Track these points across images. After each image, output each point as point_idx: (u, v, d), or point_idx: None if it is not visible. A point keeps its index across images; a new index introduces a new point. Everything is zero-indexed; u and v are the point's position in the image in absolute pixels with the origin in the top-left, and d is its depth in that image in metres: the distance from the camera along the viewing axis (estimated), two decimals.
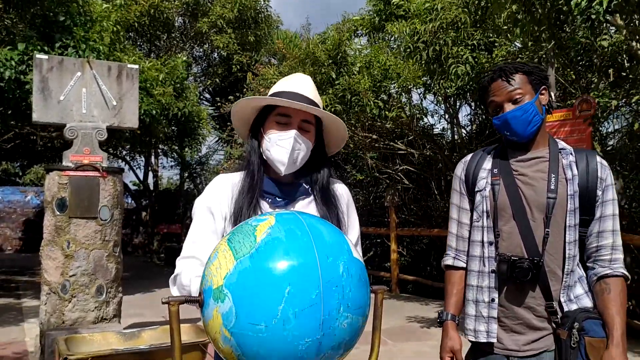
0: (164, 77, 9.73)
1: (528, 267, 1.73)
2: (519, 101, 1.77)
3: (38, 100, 4.64)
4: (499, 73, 1.80)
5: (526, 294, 1.78)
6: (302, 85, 1.69)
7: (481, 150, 1.98)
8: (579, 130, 6.37)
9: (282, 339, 1.06)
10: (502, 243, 1.81)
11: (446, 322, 1.89)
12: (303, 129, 1.64)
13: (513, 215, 1.79)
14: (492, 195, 1.83)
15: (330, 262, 1.13)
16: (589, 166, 1.78)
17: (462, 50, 5.95)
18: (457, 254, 1.96)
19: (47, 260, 4.59)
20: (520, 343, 1.79)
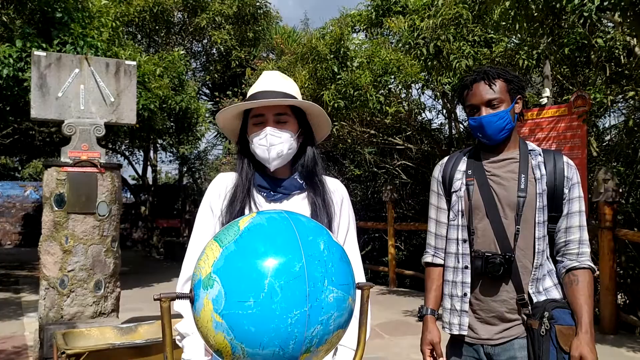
0: (161, 71, 9.75)
1: (500, 262, 1.83)
2: (495, 107, 1.87)
3: (36, 96, 4.67)
4: (482, 76, 1.89)
5: (499, 287, 1.88)
6: (269, 81, 1.74)
7: (457, 152, 2.08)
8: (574, 126, 6.41)
9: (271, 312, 1.09)
10: (477, 240, 1.91)
11: (426, 316, 2.00)
12: (280, 122, 1.69)
13: (486, 213, 1.90)
14: (466, 195, 1.93)
15: (311, 239, 1.17)
16: (556, 166, 1.89)
17: (464, 45, 5.97)
18: (435, 251, 2.06)
19: (46, 255, 4.63)
20: (492, 332, 1.89)
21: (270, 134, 1.66)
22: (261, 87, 1.73)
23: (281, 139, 1.67)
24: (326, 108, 7.49)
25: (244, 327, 1.11)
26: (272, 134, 1.67)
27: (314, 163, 1.75)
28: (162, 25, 13.18)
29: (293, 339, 1.13)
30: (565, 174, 1.88)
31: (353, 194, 12.39)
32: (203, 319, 1.17)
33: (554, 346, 1.75)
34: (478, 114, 1.89)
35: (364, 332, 1.39)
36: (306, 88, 7.66)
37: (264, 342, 1.12)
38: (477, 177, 1.93)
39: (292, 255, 1.13)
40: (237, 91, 12.56)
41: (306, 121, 1.77)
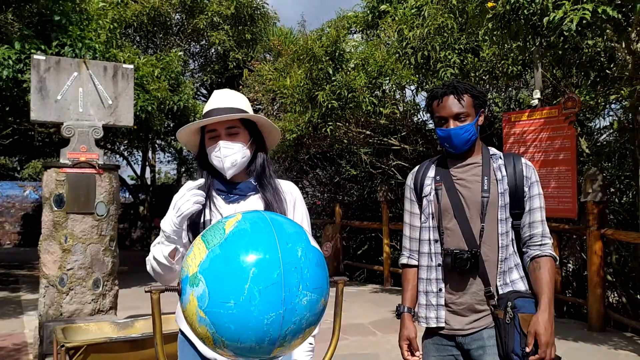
0: (159, 73, 9.86)
1: (467, 257, 2.00)
2: (462, 120, 2.04)
3: (36, 99, 4.78)
4: (452, 90, 2.05)
5: (468, 281, 2.05)
6: (220, 99, 1.95)
7: (427, 161, 2.26)
8: (564, 127, 6.53)
9: (249, 313, 1.22)
10: (447, 239, 2.08)
11: (403, 314, 2.17)
12: (231, 134, 1.90)
13: (454, 214, 2.06)
14: (435, 199, 2.11)
15: (290, 247, 1.30)
16: (516, 167, 2.07)
17: (450, 54, 6.10)
18: (410, 253, 2.22)
19: (46, 254, 4.74)
20: (463, 323, 2.06)
21: (223, 146, 1.87)
22: (213, 105, 1.94)
23: (234, 150, 1.88)
24: (320, 108, 7.61)
25: (225, 325, 1.25)
26: (224, 147, 1.87)
27: (263, 168, 1.96)
28: (159, 27, 13.29)
29: (268, 337, 1.27)
30: (525, 173, 2.06)
31: (349, 194, 12.52)
32: (189, 311, 1.30)
33: (517, 332, 1.93)
34: (446, 126, 2.06)
35: (339, 322, 1.53)
36: (302, 87, 7.77)
37: (242, 338, 1.26)
38: (445, 182, 2.11)
39: (271, 263, 1.25)
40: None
41: (257, 130, 1.98)
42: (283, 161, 11.87)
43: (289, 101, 8.15)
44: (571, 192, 6.53)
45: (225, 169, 1.89)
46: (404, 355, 2.15)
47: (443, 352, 2.11)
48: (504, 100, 9.70)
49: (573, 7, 3.88)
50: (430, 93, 2.16)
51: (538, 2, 4.04)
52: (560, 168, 6.58)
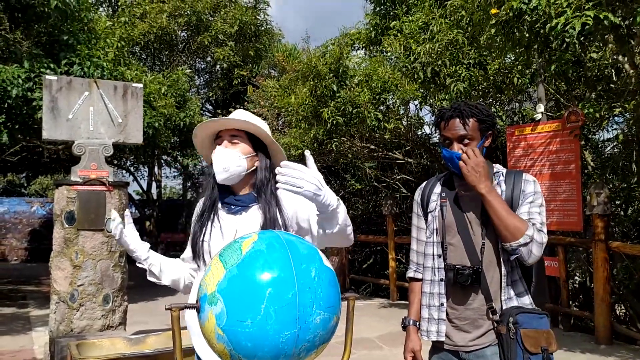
0: (166, 90, 10.00)
1: (468, 273, 2.04)
2: (465, 143, 2.08)
3: (48, 118, 4.88)
4: (457, 113, 2.09)
5: (470, 296, 2.08)
6: (237, 114, 2.08)
7: (434, 178, 2.31)
8: (568, 141, 6.59)
9: (265, 332, 1.28)
10: (450, 254, 2.13)
11: (408, 327, 2.22)
12: (232, 142, 2.01)
13: (457, 230, 2.12)
14: (440, 215, 2.16)
15: (304, 268, 1.36)
16: (515, 183, 2.11)
17: (460, 68, 6.18)
18: (417, 267, 2.27)
19: (57, 270, 4.81)
20: (467, 339, 2.08)
21: (219, 150, 1.99)
22: (230, 116, 2.07)
23: (227, 156, 1.98)
24: (325, 125, 7.69)
25: (242, 342, 1.31)
26: (220, 150, 1.98)
27: (263, 182, 2.03)
28: (165, 45, 13.47)
29: (283, 354, 1.33)
30: (522, 188, 2.10)
31: (354, 207, 12.55)
32: (207, 329, 1.36)
33: (520, 348, 1.94)
34: (450, 147, 2.11)
35: (350, 337, 1.59)
36: (306, 105, 7.87)
37: (259, 355, 1.32)
38: (450, 198, 2.17)
39: (286, 283, 1.32)
40: (240, 107, 12.79)
41: (264, 148, 2.07)
42: None
43: (294, 118, 8.25)
44: (576, 205, 6.57)
45: (217, 172, 1.97)
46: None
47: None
48: (507, 113, 9.77)
49: (575, 14, 3.96)
50: (439, 112, 2.20)
51: (541, 9, 4.11)
52: (565, 181, 6.63)
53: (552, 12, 4.06)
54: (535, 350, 1.94)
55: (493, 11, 4.39)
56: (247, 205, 2.03)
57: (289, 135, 9.18)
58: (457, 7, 6.38)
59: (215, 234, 2.03)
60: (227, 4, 13.53)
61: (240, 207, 2.03)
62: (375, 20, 9.26)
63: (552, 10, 4.05)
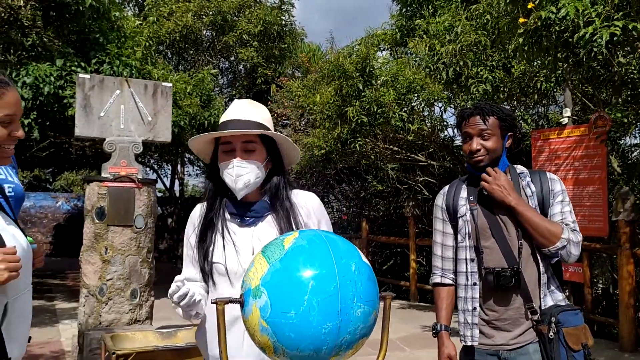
0: (191, 89, 10.13)
1: (510, 274, 2.05)
2: (485, 138, 2.11)
3: (81, 116, 5.00)
4: (477, 111, 2.14)
5: (511, 297, 2.10)
6: (239, 110, 1.82)
7: (455, 181, 2.32)
8: (594, 146, 6.53)
9: (308, 323, 1.33)
10: (486, 257, 2.13)
11: (440, 332, 2.22)
12: (247, 150, 1.78)
13: (492, 233, 2.13)
14: (472, 219, 2.16)
15: (344, 262, 1.40)
16: (542, 183, 2.16)
17: (482, 70, 6.17)
18: (443, 272, 2.28)
19: (87, 264, 4.92)
20: (508, 338, 2.11)
21: (237, 165, 1.76)
22: (231, 116, 1.82)
23: (247, 170, 1.77)
24: (350, 124, 7.73)
25: (286, 334, 1.35)
26: (239, 166, 1.76)
27: (278, 188, 1.84)
28: (190, 44, 13.62)
29: (325, 345, 1.37)
30: (551, 187, 2.16)
31: (375, 209, 12.57)
32: (251, 322, 1.41)
33: (563, 347, 1.99)
34: (470, 143, 2.14)
35: (386, 335, 1.62)
36: (332, 104, 7.91)
37: (302, 346, 1.37)
38: (479, 202, 2.18)
39: (328, 276, 1.36)
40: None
41: (275, 148, 1.86)
42: (310, 176, 11.99)
43: (319, 117, 8.30)
44: (602, 210, 6.50)
45: (237, 190, 1.77)
46: None
47: None
48: (532, 117, 9.70)
49: (603, 24, 3.95)
50: (460, 112, 2.25)
51: (569, 18, 4.11)
52: (591, 187, 6.57)
53: (580, 22, 4.04)
54: (577, 347, 1.99)
55: (521, 20, 4.38)
56: (262, 215, 1.83)
57: (312, 135, 9.24)
58: (482, 11, 6.37)
59: (229, 252, 1.80)
60: (252, 4, 13.64)
61: (254, 217, 1.82)
62: (401, 22, 9.28)
63: (581, 20, 4.04)
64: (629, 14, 3.97)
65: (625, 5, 3.98)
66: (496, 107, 2.15)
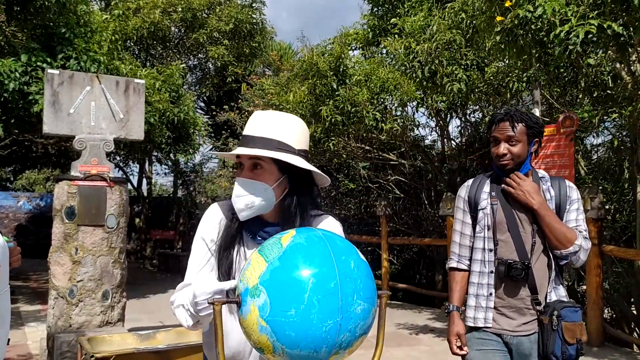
0: (160, 85, 9.95)
1: (521, 267, 2.22)
2: (513, 145, 2.26)
3: (49, 112, 4.84)
4: (507, 117, 2.28)
5: (519, 288, 2.27)
6: (254, 124, 1.67)
7: (480, 176, 2.47)
8: (563, 145, 6.67)
9: (309, 321, 1.30)
10: (500, 249, 2.30)
11: (452, 312, 2.38)
12: (255, 170, 1.65)
13: (508, 228, 2.29)
14: (492, 212, 2.32)
15: (344, 259, 1.39)
16: (561, 189, 2.33)
17: (457, 69, 6.24)
18: (459, 258, 2.44)
19: (56, 266, 4.78)
20: (513, 325, 2.28)
21: (239, 184, 1.64)
22: (247, 130, 1.68)
23: (250, 190, 1.63)
24: (324, 123, 7.71)
25: (286, 332, 1.32)
26: (240, 185, 1.64)
27: (288, 211, 1.69)
28: (158, 40, 13.40)
29: (326, 344, 1.35)
30: (568, 194, 2.34)
31: (346, 207, 12.60)
32: (249, 321, 1.37)
33: (560, 339, 2.16)
34: (497, 146, 2.29)
35: (382, 333, 1.61)
36: (305, 104, 7.88)
37: (302, 345, 1.34)
38: (500, 197, 2.34)
39: (328, 274, 1.34)
40: (234, 106, 12.76)
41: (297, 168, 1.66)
42: None
43: None
44: None
45: (238, 210, 1.64)
46: (453, 350, 2.36)
47: (487, 345, 2.32)
48: None
49: (579, 23, 4.06)
50: (492, 116, 2.39)
51: (546, 17, 4.20)
52: None
53: (556, 21, 4.14)
54: (572, 341, 2.16)
55: (498, 18, 4.46)
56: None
57: None
58: (457, 10, 6.45)
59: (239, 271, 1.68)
60: (222, 2, 13.51)
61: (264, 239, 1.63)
62: (373, 22, 9.31)
63: (557, 19, 4.13)
64: (603, 13, 4.07)
65: (600, 5, 4.08)
66: (525, 115, 2.29)
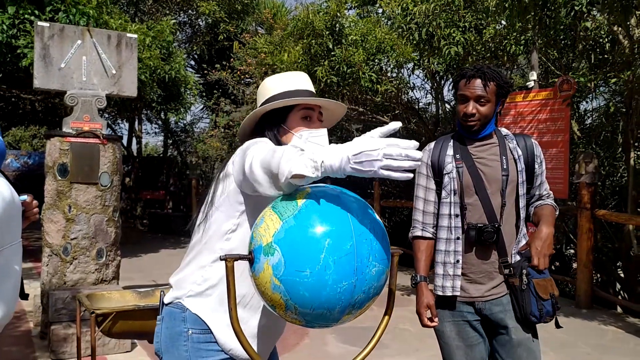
0: (150, 41, 9.71)
1: (492, 231, 2.16)
2: (482, 104, 2.17)
3: (39, 67, 4.70)
4: (479, 74, 2.17)
5: (489, 252, 2.21)
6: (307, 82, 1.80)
7: (441, 139, 2.37)
8: (558, 109, 6.65)
9: (323, 282, 1.28)
10: (469, 214, 2.22)
11: (420, 283, 2.30)
12: (320, 120, 1.78)
13: (475, 191, 2.21)
14: (457, 176, 2.23)
15: (360, 219, 1.35)
16: (527, 147, 2.26)
17: (454, 31, 6.13)
18: (424, 226, 2.35)
19: (49, 223, 4.72)
20: (482, 290, 2.23)
21: (325, 134, 1.70)
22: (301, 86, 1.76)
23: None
24: (319, 84, 7.60)
25: (300, 292, 1.30)
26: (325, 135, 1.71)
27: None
28: None
29: (339, 304, 1.33)
30: (535, 152, 2.28)
31: None
32: (262, 279, 1.35)
33: (533, 296, 2.12)
34: (465, 105, 2.19)
35: (394, 292, 1.60)
36: (300, 64, 7.75)
37: (315, 305, 1.32)
38: (465, 160, 2.25)
39: (344, 235, 1.31)
40: (226, 65, 12.54)
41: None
42: None
43: None
44: (563, 173, 6.68)
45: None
46: (424, 322, 2.27)
47: (458, 317, 2.26)
48: None
49: None
50: (460, 72, 2.26)
51: None
52: (554, 149, 6.72)
53: None
54: (546, 296, 2.13)
55: None
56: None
57: None
58: None
59: None
60: None
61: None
62: None
63: None
64: None
65: None
66: (497, 73, 2.18)
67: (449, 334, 2.27)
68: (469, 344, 2.25)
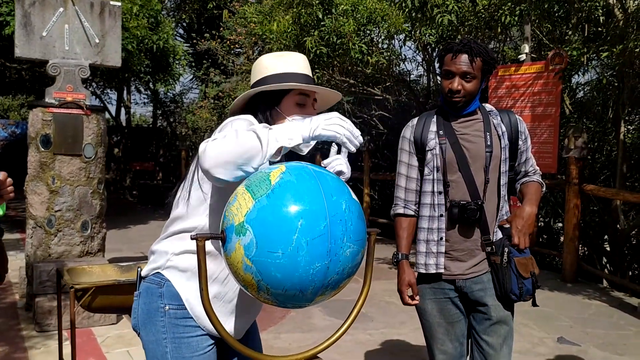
0: (138, 10, 9.51)
1: (476, 208, 2.13)
2: (468, 80, 2.11)
3: (21, 35, 4.58)
4: (466, 49, 2.10)
5: (472, 230, 2.18)
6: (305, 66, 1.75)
7: (424, 115, 2.31)
8: (550, 83, 6.60)
9: (296, 264, 1.25)
10: (452, 191, 2.18)
11: (402, 261, 2.27)
12: (313, 107, 1.75)
13: (459, 167, 2.17)
14: (441, 153, 2.18)
15: (335, 200, 1.32)
16: (512, 123, 2.23)
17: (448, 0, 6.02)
18: (406, 204, 2.31)
19: (33, 195, 4.66)
20: (464, 268, 2.20)
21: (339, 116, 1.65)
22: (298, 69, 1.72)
23: None
24: (308, 55, 7.47)
25: (271, 273, 1.27)
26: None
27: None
28: None
29: (312, 286, 1.30)
30: (519, 128, 2.25)
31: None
32: (234, 259, 1.32)
33: (514, 274, 2.11)
34: (451, 81, 2.13)
35: (370, 270, 1.58)
36: (289, 34, 7.60)
37: (287, 286, 1.29)
38: (449, 136, 2.20)
39: (318, 215, 1.27)
40: (215, 34, 12.33)
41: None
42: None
43: (275, 47, 7.98)
44: (553, 147, 6.66)
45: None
46: (405, 300, 2.25)
47: (439, 295, 2.24)
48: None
49: None
50: (446, 46, 2.19)
51: None
52: (544, 123, 6.69)
53: None
54: (527, 275, 2.11)
55: None
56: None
57: None
58: None
59: None
60: None
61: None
62: None
63: None
64: None
65: None
66: (483, 48, 2.12)
67: (431, 312, 2.26)
68: (450, 321, 2.25)
